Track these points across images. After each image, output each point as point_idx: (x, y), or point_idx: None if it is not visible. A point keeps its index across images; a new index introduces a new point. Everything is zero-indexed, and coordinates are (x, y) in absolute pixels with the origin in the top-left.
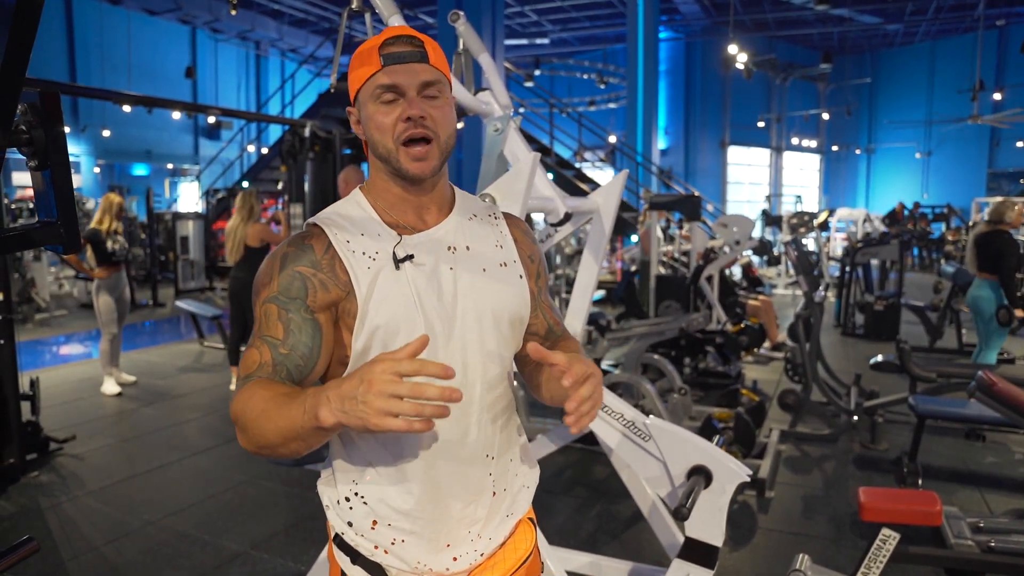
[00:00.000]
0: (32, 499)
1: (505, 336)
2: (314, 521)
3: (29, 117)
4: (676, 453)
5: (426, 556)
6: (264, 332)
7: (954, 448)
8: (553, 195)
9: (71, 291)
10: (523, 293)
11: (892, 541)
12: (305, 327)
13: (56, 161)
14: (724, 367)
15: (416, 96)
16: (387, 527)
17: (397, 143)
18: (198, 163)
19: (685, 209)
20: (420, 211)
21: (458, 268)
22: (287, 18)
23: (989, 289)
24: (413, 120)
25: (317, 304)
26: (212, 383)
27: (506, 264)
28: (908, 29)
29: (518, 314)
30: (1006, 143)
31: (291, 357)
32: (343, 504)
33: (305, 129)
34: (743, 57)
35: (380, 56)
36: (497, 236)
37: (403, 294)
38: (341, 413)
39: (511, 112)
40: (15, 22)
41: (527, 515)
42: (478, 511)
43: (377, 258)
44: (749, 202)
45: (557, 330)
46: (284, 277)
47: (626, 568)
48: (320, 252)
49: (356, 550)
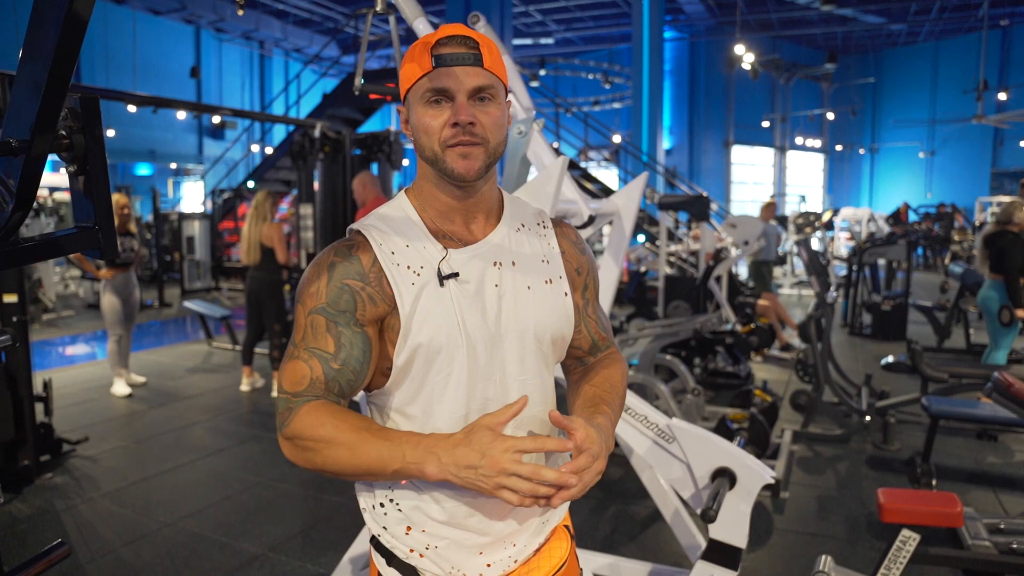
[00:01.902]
0: (47, 501)
1: (546, 355)
2: (331, 523)
3: (69, 122)
4: (700, 455)
5: (460, 561)
6: (311, 344)
7: (966, 448)
8: (577, 198)
9: (77, 291)
10: (567, 311)
11: (912, 542)
12: (356, 341)
13: (95, 166)
14: (734, 367)
15: (465, 101)
16: (421, 533)
17: (443, 147)
18: (202, 163)
19: (694, 210)
20: (467, 219)
21: (503, 286)
22: (291, 18)
23: (997, 289)
24: (460, 126)
25: (366, 318)
26: (222, 384)
27: (551, 281)
28: (912, 29)
29: (560, 333)
30: (1010, 143)
31: (343, 372)
32: (378, 509)
33: (315, 129)
34: (750, 57)
35: (432, 57)
36: (545, 249)
37: (446, 313)
38: (454, 477)
39: (534, 114)
40: (63, 31)
41: (563, 522)
42: (511, 520)
43: (422, 273)
44: (753, 202)
45: (602, 345)
46: (332, 289)
47: (646, 569)
48: (367, 265)
49: (392, 552)
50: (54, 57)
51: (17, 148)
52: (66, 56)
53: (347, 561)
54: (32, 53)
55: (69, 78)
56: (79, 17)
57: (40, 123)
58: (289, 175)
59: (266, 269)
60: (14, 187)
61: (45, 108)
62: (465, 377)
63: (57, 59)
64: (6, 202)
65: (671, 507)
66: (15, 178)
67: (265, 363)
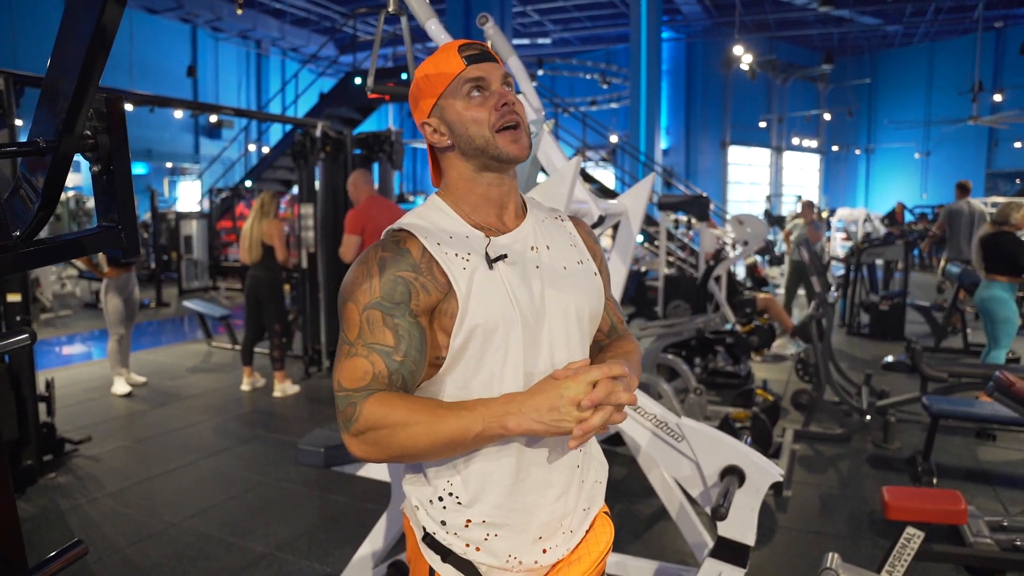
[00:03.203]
0: (51, 501)
1: (585, 332)
2: (337, 523)
3: (94, 122)
4: (709, 453)
5: (517, 549)
6: (370, 340)
7: (965, 447)
8: (588, 198)
9: (74, 291)
10: (599, 289)
11: (917, 539)
12: (414, 332)
13: (119, 166)
14: (734, 367)
15: (500, 87)
16: (481, 524)
17: (493, 131)
18: (198, 162)
19: (694, 210)
20: (501, 212)
21: (543, 267)
22: (289, 17)
23: (999, 289)
24: (508, 105)
25: (420, 308)
26: (222, 383)
27: (582, 262)
28: (907, 30)
29: (596, 310)
30: (1004, 144)
31: (405, 364)
32: (436, 504)
33: (316, 129)
34: (748, 58)
35: (462, 57)
36: (569, 236)
37: (499, 292)
38: (536, 422)
39: (543, 115)
40: (92, 41)
41: (603, 509)
42: (568, 502)
43: (470, 259)
44: (749, 202)
45: (620, 328)
46: (386, 283)
47: (653, 567)
48: (418, 256)
49: (448, 548)
50: (82, 66)
51: (45, 148)
52: (94, 65)
53: (356, 561)
54: (60, 61)
55: (96, 86)
56: (108, 29)
57: (67, 125)
58: (287, 175)
59: (266, 268)
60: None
61: (72, 113)
62: (522, 354)
63: (84, 68)
64: (32, 201)
65: (678, 505)
66: (41, 178)
67: (265, 363)
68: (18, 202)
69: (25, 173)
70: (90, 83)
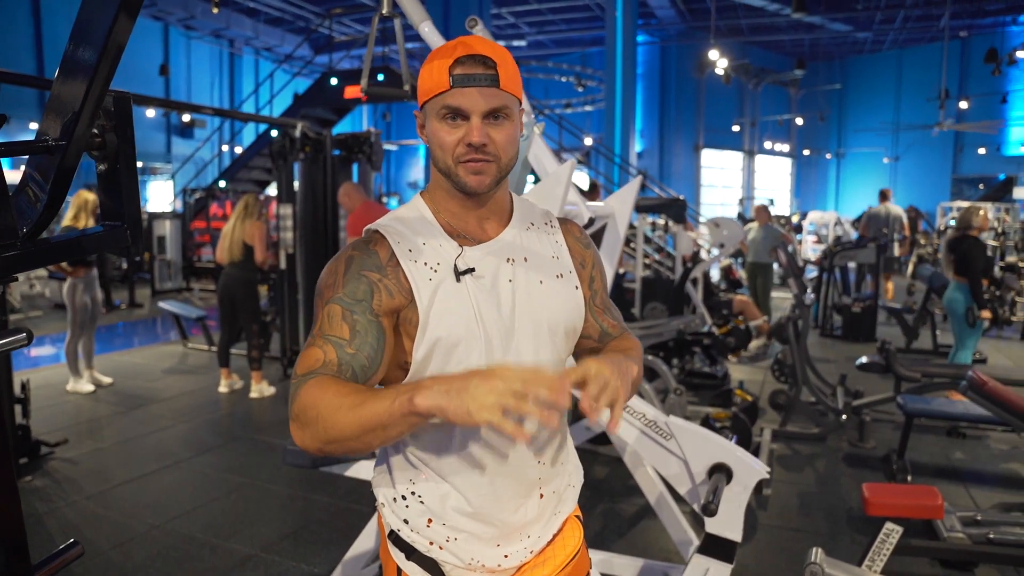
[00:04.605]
0: (29, 504)
1: (559, 346)
2: (322, 524)
3: (102, 120)
4: (697, 451)
5: (480, 553)
6: (327, 332)
7: (937, 445)
8: (579, 200)
9: (43, 291)
10: (578, 304)
11: (896, 534)
12: (371, 329)
13: (125, 165)
14: (711, 368)
15: (480, 123)
16: (442, 525)
17: (456, 162)
18: (170, 162)
19: (671, 212)
20: (481, 220)
21: (516, 280)
22: (262, 16)
23: (962, 292)
24: (474, 147)
25: (382, 308)
26: (200, 385)
27: (562, 275)
28: (877, 37)
29: (572, 324)
30: (969, 150)
31: (357, 358)
32: (399, 502)
33: (296, 129)
34: (723, 62)
35: (450, 77)
36: (553, 247)
37: (463, 306)
38: (443, 397)
39: (534, 118)
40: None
41: (574, 512)
42: (528, 512)
43: (438, 270)
44: (723, 205)
45: (613, 332)
46: (350, 279)
47: (638, 565)
48: (384, 258)
49: (412, 546)
50: (93, 75)
51: (54, 148)
52: (104, 74)
53: (348, 560)
54: (71, 68)
55: (105, 92)
56: (118, 41)
57: (77, 127)
58: (262, 175)
59: (243, 267)
60: (45, 185)
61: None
62: (482, 368)
63: (95, 78)
64: (37, 200)
65: (664, 503)
66: (48, 177)
67: (243, 364)
68: (24, 200)
69: (31, 172)
70: (100, 93)
